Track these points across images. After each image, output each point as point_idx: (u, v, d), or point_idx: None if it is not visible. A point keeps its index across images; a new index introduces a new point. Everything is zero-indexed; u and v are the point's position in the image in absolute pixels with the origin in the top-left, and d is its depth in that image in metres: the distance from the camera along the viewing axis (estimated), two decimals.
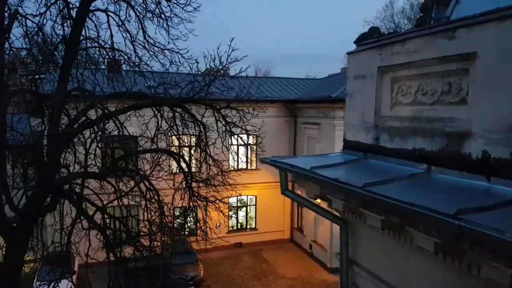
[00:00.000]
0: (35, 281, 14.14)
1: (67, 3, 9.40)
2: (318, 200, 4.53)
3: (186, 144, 12.13)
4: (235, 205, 21.86)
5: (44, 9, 9.32)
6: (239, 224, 22.57)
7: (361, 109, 4.35)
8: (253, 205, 22.58)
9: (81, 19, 9.42)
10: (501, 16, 2.71)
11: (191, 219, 14.55)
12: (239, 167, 20.73)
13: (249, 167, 21.68)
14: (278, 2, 79.24)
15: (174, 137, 12.10)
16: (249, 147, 21.13)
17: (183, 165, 10.73)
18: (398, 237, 3.27)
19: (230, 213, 21.05)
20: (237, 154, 20.50)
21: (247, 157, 21.77)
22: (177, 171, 11.37)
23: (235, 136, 11.60)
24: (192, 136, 11.36)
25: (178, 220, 14.44)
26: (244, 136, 13.83)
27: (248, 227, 22.65)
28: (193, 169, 11.80)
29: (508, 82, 2.66)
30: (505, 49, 2.67)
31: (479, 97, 2.91)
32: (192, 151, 12.49)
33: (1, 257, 9.47)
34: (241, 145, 19.19)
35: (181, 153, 11.79)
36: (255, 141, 19.38)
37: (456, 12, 4.27)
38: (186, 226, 14.71)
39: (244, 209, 22.65)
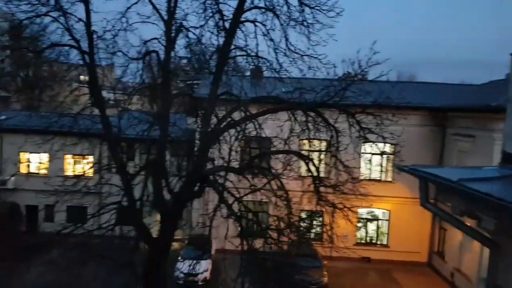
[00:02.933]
0: (179, 257, 16.43)
1: (222, 15, 10.70)
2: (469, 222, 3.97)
3: (317, 148, 12.25)
4: (365, 216, 20.86)
5: (204, 22, 10.81)
6: (368, 238, 21.45)
7: None
8: (385, 220, 21.14)
9: (233, 30, 10.58)
10: None
11: (317, 223, 14.60)
12: (372, 177, 19.72)
13: (383, 178, 20.38)
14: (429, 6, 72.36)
15: (305, 141, 12.38)
16: (384, 156, 19.87)
17: (312, 168, 10.88)
18: None
19: (359, 224, 20.17)
20: (371, 163, 19.56)
21: (381, 167, 20.50)
22: (306, 175, 11.59)
23: (370, 143, 11.15)
24: (322, 141, 11.43)
25: (305, 224, 14.64)
26: (380, 144, 13.15)
27: (378, 242, 21.33)
28: (322, 174, 11.82)
29: None
30: None
31: None
32: (322, 156, 12.55)
33: (157, 232, 11.36)
34: (376, 153, 18.26)
35: (311, 157, 11.97)
36: (392, 150, 18.14)
37: None
38: (312, 229, 14.80)
39: (375, 222, 21.41)
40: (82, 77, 12.69)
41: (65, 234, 10.44)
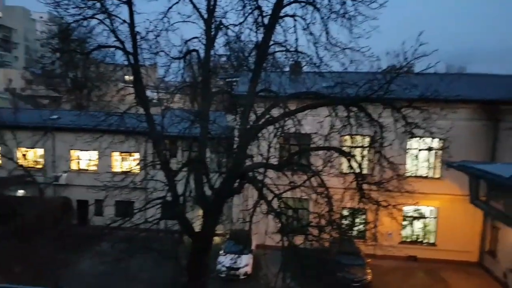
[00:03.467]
0: (221, 251, 16.73)
1: (261, 11, 10.62)
2: None
3: (359, 145, 11.89)
4: (411, 214, 20.06)
5: (243, 18, 10.80)
6: (414, 236, 20.62)
7: None
8: (433, 217, 20.22)
9: (272, 26, 10.47)
10: None
11: (360, 221, 14.22)
12: (419, 174, 18.94)
13: (430, 175, 19.48)
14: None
15: (346, 137, 12.06)
16: (432, 152, 18.95)
17: (354, 165, 10.57)
18: None
19: (404, 222, 19.43)
20: (417, 159, 18.76)
21: (429, 164, 19.58)
22: (348, 172, 11.30)
23: (417, 139, 10.63)
24: (365, 137, 11.04)
25: (347, 221, 14.33)
26: (428, 140, 12.53)
27: (425, 241, 20.46)
28: (365, 171, 11.44)
29: None
30: None
31: None
32: (365, 152, 12.16)
33: (199, 226, 11.60)
34: (423, 149, 17.46)
35: (352, 154, 11.64)
36: (440, 146, 17.24)
37: None
38: (354, 227, 14.45)
39: (421, 220, 20.53)
40: (127, 77, 13.17)
41: (113, 227, 10.93)
